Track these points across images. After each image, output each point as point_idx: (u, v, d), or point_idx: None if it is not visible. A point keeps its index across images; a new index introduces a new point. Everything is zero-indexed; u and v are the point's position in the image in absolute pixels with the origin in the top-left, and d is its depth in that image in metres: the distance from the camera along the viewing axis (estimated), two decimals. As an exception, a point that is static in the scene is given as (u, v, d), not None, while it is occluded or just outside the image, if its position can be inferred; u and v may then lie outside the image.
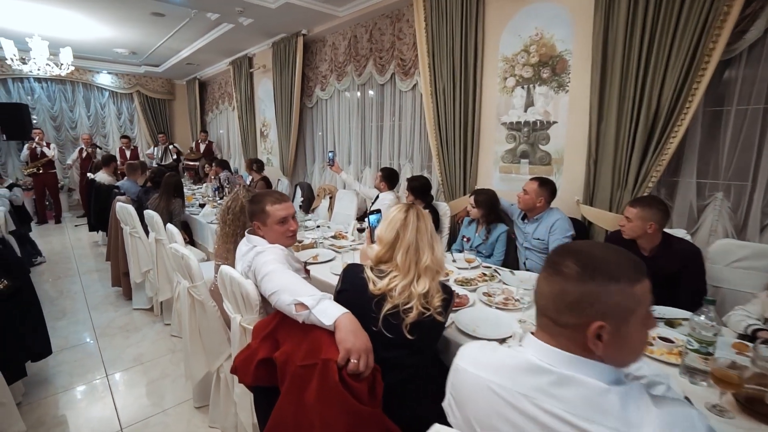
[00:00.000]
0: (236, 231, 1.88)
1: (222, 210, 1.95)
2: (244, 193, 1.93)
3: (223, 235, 1.91)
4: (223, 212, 1.94)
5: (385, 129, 4.23)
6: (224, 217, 1.92)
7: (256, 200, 1.56)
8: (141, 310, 3.14)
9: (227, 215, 1.91)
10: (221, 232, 1.93)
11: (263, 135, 6.03)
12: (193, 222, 3.72)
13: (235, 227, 1.88)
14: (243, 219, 1.89)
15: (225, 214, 1.92)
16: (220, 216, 1.96)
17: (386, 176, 3.21)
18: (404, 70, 3.84)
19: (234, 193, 1.97)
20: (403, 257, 1.20)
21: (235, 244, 1.85)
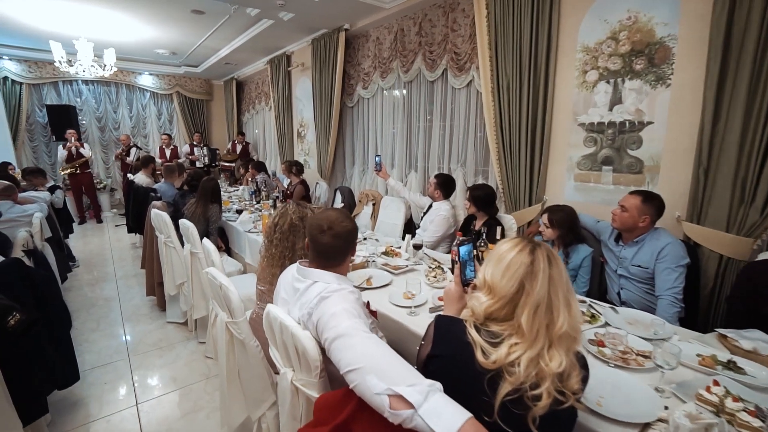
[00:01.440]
0: (284, 253, 1.59)
1: (268, 227, 1.67)
2: (294, 209, 1.64)
3: (269, 257, 1.62)
4: (268, 230, 1.66)
5: (434, 130, 3.88)
6: (270, 235, 1.64)
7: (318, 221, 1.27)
8: (175, 324, 2.95)
9: (273, 233, 1.62)
10: (266, 253, 1.65)
11: (300, 136, 5.82)
12: (230, 229, 3.51)
13: (283, 248, 1.59)
14: (293, 239, 1.60)
15: (271, 232, 1.64)
16: (266, 234, 1.68)
17: (442, 183, 2.86)
18: (458, 65, 3.46)
19: (282, 208, 1.68)
20: (530, 319, 0.85)
21: (282, 269, 1.56)
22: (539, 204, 2.86)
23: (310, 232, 1.24)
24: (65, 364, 1.76)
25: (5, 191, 2.54)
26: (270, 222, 1.68)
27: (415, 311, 1.66)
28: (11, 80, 6.56)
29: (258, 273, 1.74)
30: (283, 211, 1.66)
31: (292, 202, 1.69)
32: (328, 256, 1.22)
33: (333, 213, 1.25)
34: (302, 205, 1.69)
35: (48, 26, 5.11)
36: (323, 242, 1.19)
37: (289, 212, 1.64)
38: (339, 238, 1.20)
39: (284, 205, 1.69)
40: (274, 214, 1.69)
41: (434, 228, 2.78)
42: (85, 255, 4.80)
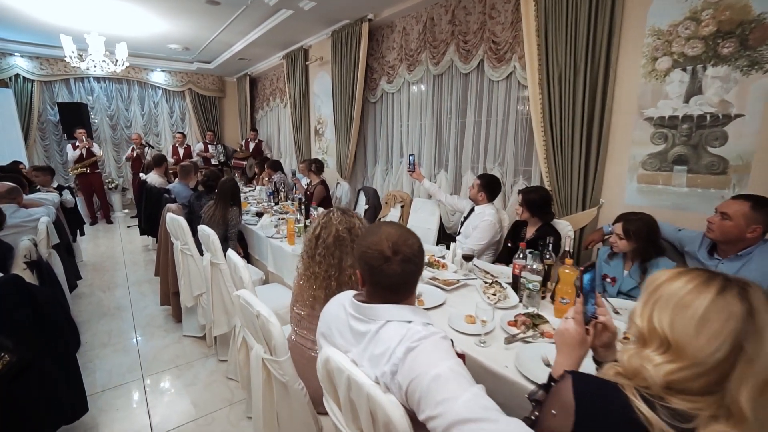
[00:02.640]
0: (329, 272, 1.32)
1: (308, 239, 1.40)
2: (340, 218, 1.37)
3: (309, 276, 1.36)
4: (309, 244, 1.39)
5: (467, 126, 3.58)
6: (311, 250, 1.37)
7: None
8: (191, 338, 2.71)
9: (315, 248, 1.36)
10: (305, 271, 1.38)
11: (318, 133, 5.56)
12: (249, 233, 3.27)
13: (328, 266, 1.32)
14: (339, 254, 1.33)
15: (312, 246, 1.37)
16: (306, 247, 1.41)
17: (486, 185, 2.57)
18: (497, 55, 3.17)
19: (324, 217, 1.41)
20: (754, 400, 0.56)
21: (327, 291, 1.30)
22: (595, 208, 2.56)
23: (367, 262, 0.92)
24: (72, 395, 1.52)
25: (9, 194, 2.32)
26: (310, 234, 1.41)
27: (485, 340, 1.38)
28: (23, 77, 6.42)
29: (295, 292, 1.48)
30: (325, 221, 1.39)
31: (336, 210, 1.42)
32: (398, 288, 0.92)
33: (391, 230, 0.94)
34: (348, 213, 1.42)
35: (58, 20, 4.91)
36: (390, 273, 0.90)
37: (333, 222, 1.37)
38: (410, 262, 0.91)
39: (327, 213, 1.42)
40: (315, 224, 1.42)
41: (479, 235, 2.49)
42: (96, 258, 4.60)
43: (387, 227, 0.95)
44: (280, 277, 2.68)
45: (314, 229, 1.40)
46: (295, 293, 1.47)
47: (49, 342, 1.45)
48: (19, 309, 1.35)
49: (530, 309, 1.61)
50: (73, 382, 1.51)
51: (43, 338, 1.43)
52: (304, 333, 1.41)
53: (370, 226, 1.01)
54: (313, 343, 1.38)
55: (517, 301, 1.70)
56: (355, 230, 1.38)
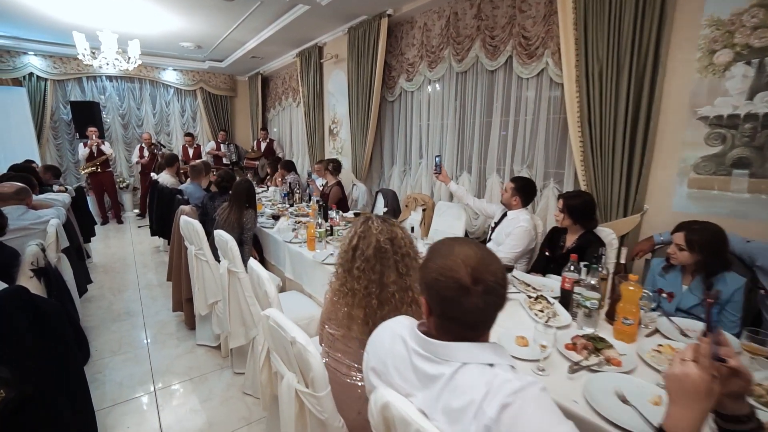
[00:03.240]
0: (369, 289, 1.17)
1: (343, 251, 1.25)
2: (380, 226, 1.21)
3: (346, 293, 1.20)
4: (344, 256, 1.23)
5: (493, 126, 3.40)
6: (347, 262, 1.22)
7: None
8: (205, 348, 2.57)
9: (352, 261, 1.20)
10: (341, 288, 1.22)
11: (332, 133, 5.41)
12: (264, 237, 3.13)
13: (368, 282, 1.17)
14: (380, 268, 1.18)
15: (348, 258, 1.22)
16: (341, 260, 1.25)
17: (520, 188, 2.39)
18: (528, 51, 2.99)
19: (362, 225, 1.25)
20: None
21: (367, 311, 1.14)
22: (638, 214, 2.37)
23: (439, 292, 0.73)
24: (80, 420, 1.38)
25: (18, 194, 2.21)
26: (345, 245, 1.25)
27: (543, 368, 1.21)
28: (36, 76, 6.39)
29: (327, 309, 1.32)
30: (363, 230, 1.23)
31: (375, 218, 1.26)
32: (476, 324, 0.75)
33: (468, 251, 0.73)
34: (388, 221, 1.26)
35: (71, 18, 4.84)
36: (470, 307, 0.71)
37: (373, 231, 1.21)
38: (493, 293, 0.72)
39: (364, 221, 1.26)
40: (351, 233, 1.27)
41: (512, 242, 2.32)
42: (107, 259, 4.51)
43: (461, 247, 0.75)
44: (299, 285, 2.53)
45: (350, 239, 1.24)
46: (326, 310, 1.31)
47: (55, 362, 1.32)
48: (24, 326, 1.22)
49: (587, 330, 1.43)
50: (81, 404, 1.38)
51: (48, 358, 1.29)
52: (338, 356, 1.25)
53: (437, 244, 0.80)
54: (348, 368, 1.23)
55: (569, 319, 1.52)
56: (398, 241, 1.22)
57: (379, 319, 1.16)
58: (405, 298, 1.20)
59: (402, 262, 1.21)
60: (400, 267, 1.20)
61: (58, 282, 1.85)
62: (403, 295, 1.19)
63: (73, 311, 1.99)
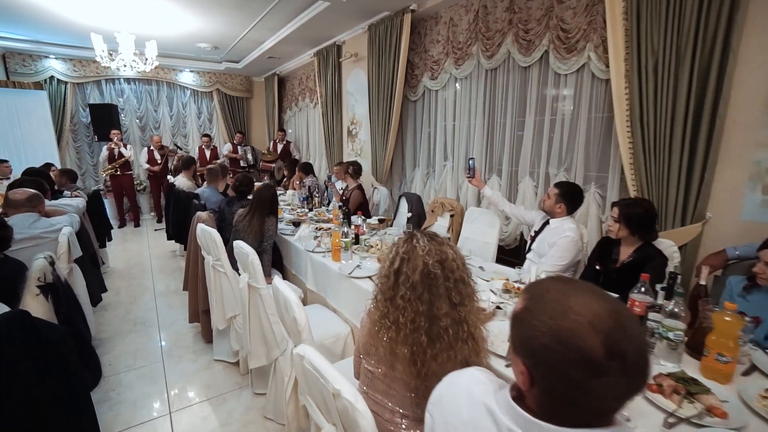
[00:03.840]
0: (417, 321, 0.98)
1: (383, 276, 1.06)
2: (427, 246, 1.02)
3: (388, 326, 1.01)
4: (384, 281, 1.05)
5: (526, 126, 3.18)
6: (388, 290, 1.03)
7: None
8: (223, 364, 2.42)
9: (395, 288, 1.01)
10: (381, 319, 1.03)
11: (351, 134, 5.25)
12: (284, 244, 2.97)
13: (415, 314, 0.98)
14: (428, 297, 0.98)
15: (390, 285, 1.03)
16: (381, 286, 1.06)
17: (565, 194, 2.17)
18: (567, 45, 2.76)
19: (404, 243, 1.05)
20: None
21: (415, 349, 0.95)
22: (699, 223, 2.13)
23: (552, 366, 0.53)
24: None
25: (29, 201, 2.10)
26: (385, 268, 1.06)
27: (629, 418, 1.00)
28: (57, 80, 6.43)
29: (363, 341, 1.14)
30: (407, 250, 1.04)
31: (420, 235, 1.07)
32: (608, 411, 0.54)
33: (594, 305, 0.52)
34: (436, 239, 1.07)
35: (89, 20, 4.81)
36: (600, 391, 0.51)
37: (419, 252, 1.02)
38: (635, 372, 0.51)
39: (407, 239, 1.07)
40: (391, 254, 1.07)
41: (557, 254, 2.10)
42: (123, 263, 4.44)
43: (581, 297, 0.53)
44: (322, 297, 2.36)
45: (391, 261, 1.05)
46: (364, 341, 1.13)
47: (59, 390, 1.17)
48: (24, 357, 1.07)
49: (670, 366, 1.21)
50: None
51: (51, 387, 1.15)
52: (379, 397, 1.07)
53: (539, 289, 0.59)
54: (392, 414, 1.04)
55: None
56: (449, 263, 1.02)
57: (430, 359, 0.97)
58: (460, 333, 1.00)
59: (455, 289, 1.01)
60: (453, 296, 1.00)
61: (68, 298, 1.72)
62: (458, 329, 1.00)
63: (84, 329, 1.86)
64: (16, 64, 6.16)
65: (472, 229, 2.86)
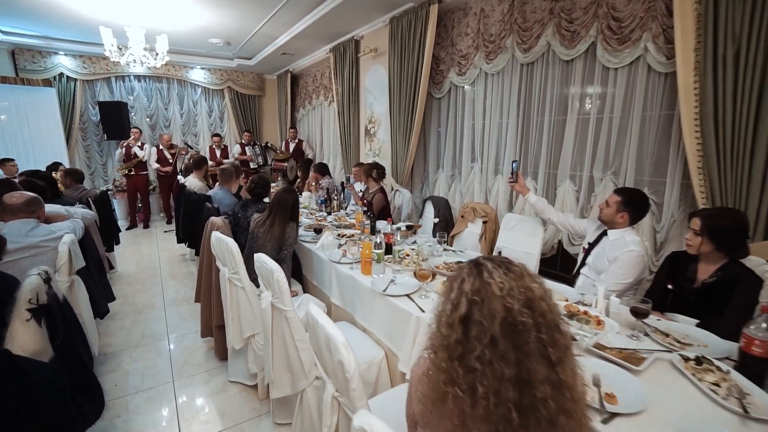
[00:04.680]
0: (504, 393, 0.70)
1: (444, 324, 0.76)
2: (505, 282, 0.74)
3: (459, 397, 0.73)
4: (446, 332, 0.75)
5: (568, 125, 2.91)
6: (454, 345, 0.73)
7: None
8: (239, 386, 2.19)
9: (465, 342, 0.73)
10: (447, 384, 0.75)
11: (369, 133, 5.01)
12: (303, 252, 2.73)
13: (499, 382, 0.70)
14: (515, 356, 0.70)
15: (458, 338, 0.73)
16: (442, 339, 0.76)
17: (629, 203, 1.90)
18: (619, 35, 2.49)
19: (470, 273, 0.77)
20: None
21: (501, 429, 0.69)
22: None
23: None
24: None
25: (28, 206, 1.89)
26: (446, 311, 0.78)
27: None
28: (66, 77, 6.29)
29: (418, 406, 0.86)
30: (476, 287, 0.74)
31: (489, 263, 0.78)
32: None
33: None
34: (512, 268, 0.77)
35: (99, 14, 4.63)
36: None
37: (494, 289, 0.73)
38: None
39: (473, 267, 0.78)
40: (452, 292, 0.79)
41: (621, 270, 1.83)
42: (131, 268, 4.25)
43: None
44: (349, 314, 2.12)
45: (455, 303, 0.76)
46: (419, 408, 0.85)
47: None
48: (5, 404, 0.84)
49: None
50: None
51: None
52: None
53: None
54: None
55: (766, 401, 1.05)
56: (538, 305, 0.73)
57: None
58: (562, 403, 0.72)
59: (551, 341, 0.72)
60: (550, 352, 0.73)
61: (67, 320, 1.50)
62: (560, 398, 0.72)
63: (86, 355, 1.64)
64: (25, 61, 6.02)
65: (509, 238, 2.60)
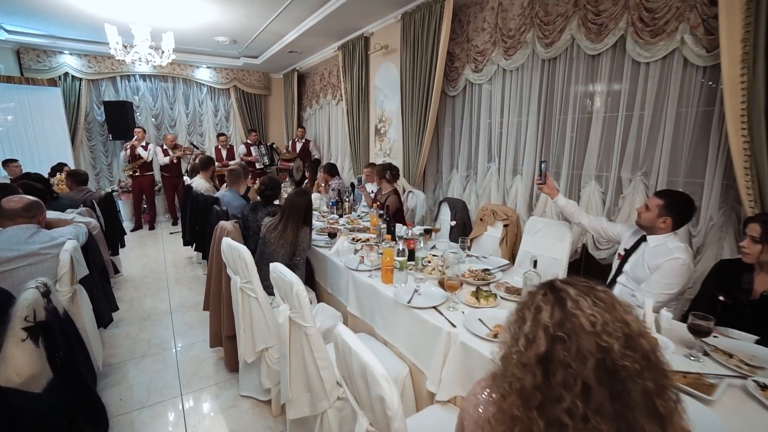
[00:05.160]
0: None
1: (514, 361, 0.63)
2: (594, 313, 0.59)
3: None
4: (518, 371, 0.62)
5: (593, 123, 2.76)
6: (533, 392, 0.60)
7: None
8: (252, 401, 2.07)
9: (545, 388, 0.60)
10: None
11: (380, 133, 4.87)
12: (315, 255, 2.61)
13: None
14: (614, 409, 0.56)
15: (537, 382, 0.60)
16: (512, 375, 0.64)
17: (672, 206, 1.75)
18: (651, 27, 2.34)
19: (546, 300, 0.64)
20: None
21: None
22: (844, 244, 1.69)
23: None
24: None
25: (27, 211, 1.77)
26: (518, 347, 0.63)
27: None
28: (71, 76, 6.22)
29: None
30: (560, 319, 0.60)
31: (569, 287, 0.64)
32: None
33: None
34: (603, 297, 0.62)
35: (104, 11, 4.54)
36: None
37: (582, 322, 0.58)
38: None
39: (548, 292, 0.65)
40: (524, 318, 0.65)
41: (665, 280, 1.69)
42: (137, 271, 4.15)
43: None
44: (368, 325, 1.99)
45: (529, 338, 0.63)
46: None
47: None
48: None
49: None
50: None
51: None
52: None
53: None
54: None
55: None
56: (639, 344, 0.59)
57: None
58: None
59: (657, 390, 0.58)
60: (660, 405, 0.59)
61: (68, 336, 1.38)
62: None
63: (89, 374, 1.52)
64: (30, 60, 5.94)
65: (534, 243, 2.46)
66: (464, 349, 1.40)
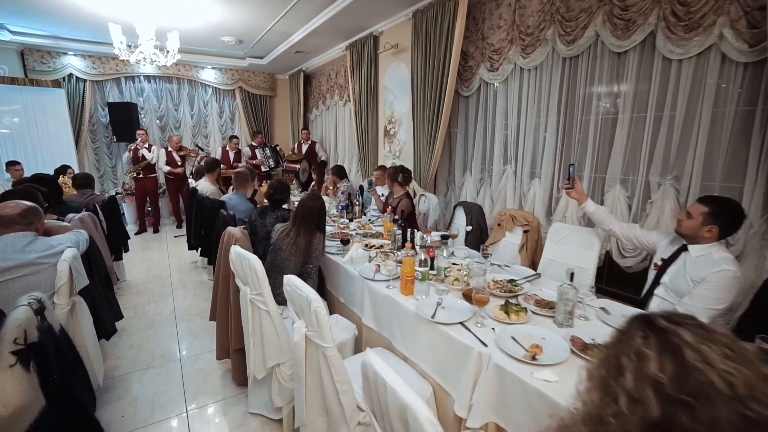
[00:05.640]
0: None
1: (616, 422, 0.52)
2: (733, 369, 0.46)
3: None
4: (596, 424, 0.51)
5: (619, 125, 2.63)
6: None
7: None
8: (261, 418, 1.94)
9: None
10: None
11: (389, 134, 4.75)
12: (327, 263, 2.48)
13: None
14: None
15: None
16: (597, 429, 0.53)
17: (719, 214, 1.62)
18: (685, 22, 2.20)
19: (645, 339, 0.52)
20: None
21: None
22: None
23: None
24: None
25: (24, 217, 1.65)
26: (607, 394, 0.53)
27: None
28: (75, 77, 6.16)
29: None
30: (677, 373, 0.48)
31: (687, 333, 0.51)
32: None
33: None
34: (732, 346, 0.51)
35: (108, 10, 4.45)
36: None
37: (719, 385, 0.45)
38: None
39: (648, 334, 0.53)
40: (609, 358, 0.54)
41: (713, 294, 1.55)
42: (140, 276, 4.04)
43: None
44: (385, 339, 1.86)
45: (633, 396, 0.50)
46: None
47: None
48: None
49: None
50: None
51: None
52: None
53: None
54: None
55: None
56: (754, 389, 0.48)
57: None
58: None
59: None
60: None
61: (64, 355, 1.26)
62: None
63: (88, 398, 1.41)
64: (34, 61, 5.88)
65: (559, 250, 2.32)
66: (499, 371, 1.27)
